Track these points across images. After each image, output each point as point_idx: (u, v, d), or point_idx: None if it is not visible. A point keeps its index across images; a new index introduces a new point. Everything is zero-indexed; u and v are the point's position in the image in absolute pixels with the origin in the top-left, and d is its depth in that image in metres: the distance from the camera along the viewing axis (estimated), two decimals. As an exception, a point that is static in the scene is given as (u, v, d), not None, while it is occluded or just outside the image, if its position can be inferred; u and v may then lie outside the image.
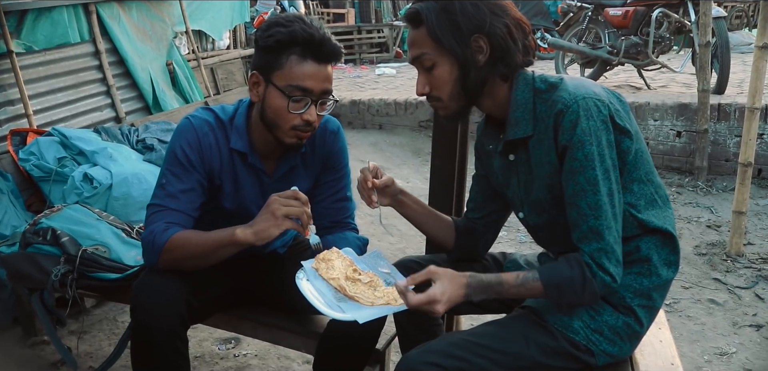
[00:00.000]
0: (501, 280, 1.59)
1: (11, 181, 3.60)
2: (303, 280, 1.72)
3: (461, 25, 1.57)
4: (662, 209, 1.65)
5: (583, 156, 1.50)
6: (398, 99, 7.17)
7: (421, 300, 1.54)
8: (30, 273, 2.61)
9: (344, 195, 2.11)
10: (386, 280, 1.79)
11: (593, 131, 1.50)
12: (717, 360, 2.88)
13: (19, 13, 4.39)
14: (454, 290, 1.56)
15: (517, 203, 1.77)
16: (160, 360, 1.82)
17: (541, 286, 1.56)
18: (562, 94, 1.55)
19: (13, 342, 3.01)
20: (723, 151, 5.43)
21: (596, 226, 1.51)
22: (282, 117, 1.81)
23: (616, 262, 1.53)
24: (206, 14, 6.58)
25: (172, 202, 1.84)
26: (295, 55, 1.78)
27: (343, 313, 1.64)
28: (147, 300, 1.80)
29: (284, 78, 1.79)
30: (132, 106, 5.29)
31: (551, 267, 1.59)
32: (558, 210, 1.63)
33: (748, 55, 8.22)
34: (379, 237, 4.27)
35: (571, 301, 1.57)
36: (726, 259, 3.86)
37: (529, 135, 1.62)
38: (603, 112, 1.51)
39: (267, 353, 2.92)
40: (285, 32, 1.78)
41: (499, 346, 1.59)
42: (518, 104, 1.63)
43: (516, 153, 1.69)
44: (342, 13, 13.97)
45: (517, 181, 1.73)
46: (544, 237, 1.78)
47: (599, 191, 1.50)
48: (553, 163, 1.58)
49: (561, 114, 1.52)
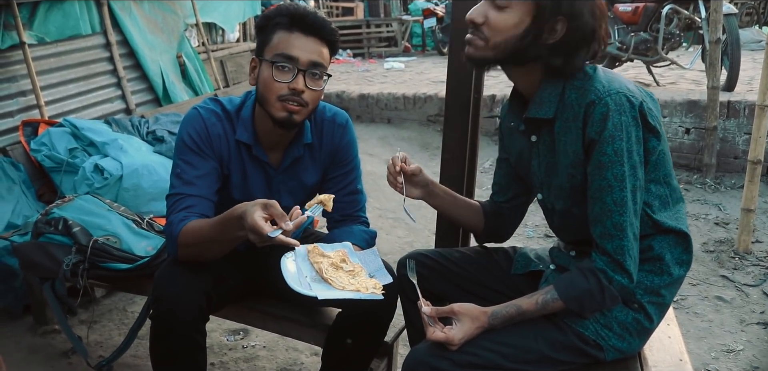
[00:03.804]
0: (522, 310, 1.60)
1: (23, 172, 3.62)
2: (289, 259, 1.73)
3: (564, 1, 1.52)
4: (674, 209, 1.65)
5: (612, 151, 1.49)
6: (407, 93, 7.17)
7: (439, 337, 1.56)
8: (42, 263, 2.64)
9: (355, 189, 2.11)
10: (369, 273, 1.80)
11: (624, 126, 1.49)
12: (724, 357, 2.88)
13: (32, 5, 4.41)
14: (474, 330, 1.58)
15: (537, 184, 1.77)
16: (179, 351, 1.83)
17: (562, 304, 1.57)
18: (595, 84, 1.53)
19: (24, 330, 3.04)
20: (732, 148, 5.41)
21: (620, 223, 1.51)
22: (269, 88, 1.83)
23: (634, 261, 1.53)
24: (218, 7, 6.59)
25: (189, 189, 1.85)
26: (281, 28, 1.84)
27: (309, 290, 1.65)
28: (169, 292, 1.81)
29: (272, 50, 1.83)
30: (142, 98, 5.30)
31: (567, 283, 1.58)
32: (575, 199, 1.63)
33: (759, 52, 8.19)
34: (388, 231, 4.28)
35: (594, 309, 1.58)
36: (734, 257, 3.85)
37: (549, 117, 1.61)
38: (635, 107, 1.50)
39: (275, 344, 2.94)
40: (273, 10, 1.86)
41: (508, 340, 1.60)
42: (548, 86, 1.61)
43: (539, 134, 1.69)
44: (351, 7, 13.97)
45: (537, 162, 1.72)
46: (559, 222, 1.77)
47: (625, 188, 1.50)
48: (577, 153, 1.57)
49: (592, 105, 1.51)
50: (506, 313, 1.60)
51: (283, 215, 1.60)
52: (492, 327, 1.60)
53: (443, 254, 1.98)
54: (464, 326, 1.58)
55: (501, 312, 1.60)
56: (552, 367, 1.63)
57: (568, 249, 1.77)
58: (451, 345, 1.56)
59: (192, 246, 1.79)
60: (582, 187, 1.60)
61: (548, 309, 1.59)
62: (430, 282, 1.92)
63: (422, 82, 8.06)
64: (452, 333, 1.56)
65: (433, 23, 11.57)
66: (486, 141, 6.24)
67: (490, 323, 1.60)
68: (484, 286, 1.94)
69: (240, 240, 1.73)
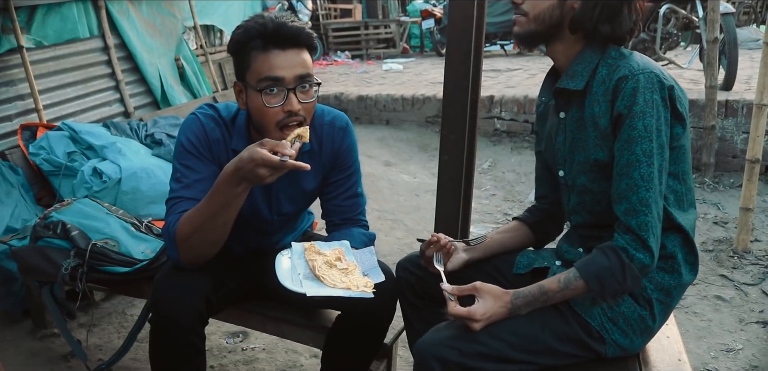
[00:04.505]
0: (544, 290, 1.60)
1: (22, 175, 3.63)
2: (284, 256, 1.73)
3: None
4: (687, 212, 1.66)
5: (643, 126, 1.50)
6: (405, 94, 7.17)
7: (461, 313, 1.57)
8: (40, 267, 2.64)
9: (355, 192, 2.11)
10: (363, 271, 1.80)
11: (655, 104, 1.51)
12: (723, 357, 2.88)
13: (30, 8, 4.41)
14: (496, 309, 1.59)
15: (560, 160, 1.76)
16: (178, 355, 1.83)
17: (584, 283, 1.57)
18: (629, 62, 1.57)
19: (23, 334, 3.04)
20: (730, 148, 5.41)
21: (647, 198, 1.51)
22: (264, 115, 1.78)
23: (656, 240, 1.53)
24: (218, 8, 6.58)
25: (187, 192, 1.84)
26: (256, 49, 1.77)
27: (299, 287, 1.65)
28: (168, 295, 1.80)
29: (254, 75, 1.78)
30: (140, 101, 5.31)
31: (588, 262, 1.58)
32: (595, 176, 1.64)
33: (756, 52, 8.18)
34: (387, 232, 4.28)
35: (615, 290, 1.56)
36: (733, 256, 3.85)
37: (579, 89, 1.62)
38: (665, 89, 1.53)
39: (275, 347, 2.94)
40: (241, 31, 1.80)
41: (516, 329, 1.60)
42: (583, 59, 1.64)
43: (567, 111, 1.70)
44: (349, 9, 13.95)
45: (563, 138, 1.73)
46: (576, 201, 1.76)
47: (653, 164, 1.51)
48: (603, 128, 1.58)
49: (624, 79, 1.53)
50: (529, 292, 1.61)
51: (281, 143, 1.60)
52: (514, 306, 1.60)
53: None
54: (486, 303, 1.59)
55: (523, 292, 1.61)
56: (554, 360, 1.64)
57: (576, 246, 1.78)
58: (473, 322, 1.56)
59: (192, 237, 1.75)
60: (605, 164, 1.60)
61: (570, 288, 1.58)
62: (432, 284, 1.92)
63: (421, 83, 8.06)
64: (474, 309, 1.57)
65: (432, 24, 11.57)
66: (484, 142, 6.23)
67: (513, 302, 1.60)
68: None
69: (239, 201, 1.70)
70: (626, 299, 1.64)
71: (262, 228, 2.11)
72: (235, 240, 2.08)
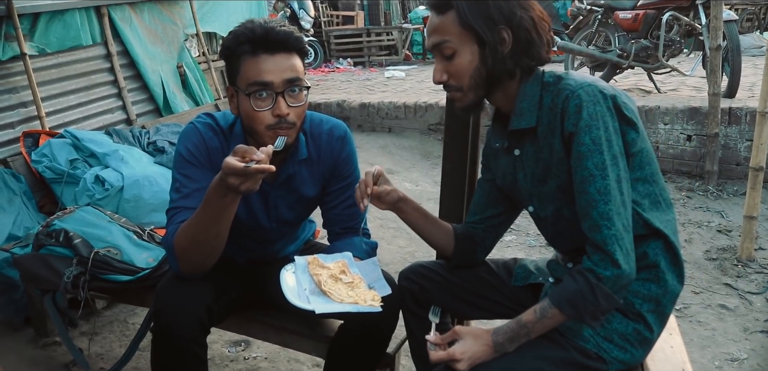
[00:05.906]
0: (523, 323, 1.60)
1: (24, 183, 3.63)
2: (288, 271, 1.72)
3: (493, 13, 1.56)
4: (665, 212, 1.64)
5: (590, 140, 1.49)
6: (407, 102, 7.17)
7: (441, 356, 1.58)
8: (43, 275, 2.64)
9: (355, 201, 2.10)
10: (368, 283, 1.79)
11: (599, 116, 1.50)
12: (727, 366, 2.87)
13: (33, 16, 4.42)
14: (478, 348, 1.59)
15: (526, 197, 1.76)
16: (180, 364, 1.82)
17: (558, 310, 1.56)
18: (568, 82, 1.56)
19: (25, 342, 3.03)
20: (734, 155, 5.40)
21: (606, 212, 1.49)
22: (253, 119, 1.79)
23: (625, 252, 1.49)
24: (220, 16, 6.59)
25: (187, 201, 1.83)
26: (245, 54, 1.78)
27: (307, 303, 1.64)
28: (170, 305, 1.80)
29: (244, 79, 1.79)
30: (143, 109, 5.32)
31: (559, 289, 1.57)
32: (562, 201, 1.63)
33: (760, 59, 8.19)
34: (389, 241, 4.28)
35: (591, 312, 1.54)
36: (737, 264, 3.84)
37: (532, 126, 1.62)
38: (608, 99, 1.52)
39: (277, 356, 2.93)
40: (231, 37, 1.81)
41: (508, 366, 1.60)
42: (526, 95, 1.63)
43: (521, 147, 1.69)
44: (351, 16, 13.98)
45: (523, 175, 1.72)
46: (553, 230, 1.76)
47: (607, 176, 1.49)
48: (558, 153, 1.58)
49: (567, 100, 1.53)
50: (508, 328, 1.60)
51: (250, 149, 1.58)
52: (496, 342, 1.59)
53: (445, 265, 1.98)
54: (466, 342, 1.59)
55: (502, 328, 1.61)
56: None
57: (565, 261, 1.76)
58: (455, 362, 1.57)
59: (189, 247, 1.75)
60: (568, 187, 1.59)
61: (547, 318, 1.57)
62: (432, 293, 1.91)
63: (423, 90, 8.06)
64: (453, 349, 1.58)
65: (434, 31, 11.56)
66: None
67: (494, 339, 1.59)
68: (485, 298, 1.94)
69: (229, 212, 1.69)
70: (616, 316, 1.62)
71: (261, 236, 2.10)
72: (236, 249, 2.08)
